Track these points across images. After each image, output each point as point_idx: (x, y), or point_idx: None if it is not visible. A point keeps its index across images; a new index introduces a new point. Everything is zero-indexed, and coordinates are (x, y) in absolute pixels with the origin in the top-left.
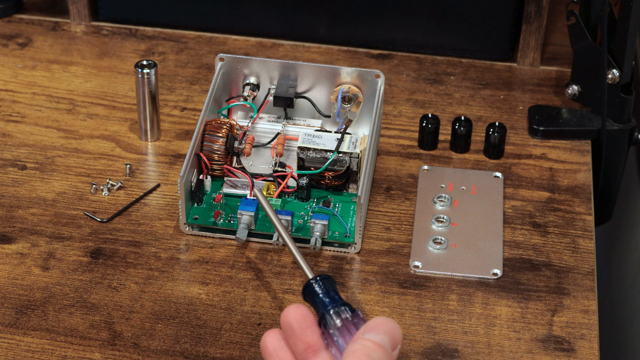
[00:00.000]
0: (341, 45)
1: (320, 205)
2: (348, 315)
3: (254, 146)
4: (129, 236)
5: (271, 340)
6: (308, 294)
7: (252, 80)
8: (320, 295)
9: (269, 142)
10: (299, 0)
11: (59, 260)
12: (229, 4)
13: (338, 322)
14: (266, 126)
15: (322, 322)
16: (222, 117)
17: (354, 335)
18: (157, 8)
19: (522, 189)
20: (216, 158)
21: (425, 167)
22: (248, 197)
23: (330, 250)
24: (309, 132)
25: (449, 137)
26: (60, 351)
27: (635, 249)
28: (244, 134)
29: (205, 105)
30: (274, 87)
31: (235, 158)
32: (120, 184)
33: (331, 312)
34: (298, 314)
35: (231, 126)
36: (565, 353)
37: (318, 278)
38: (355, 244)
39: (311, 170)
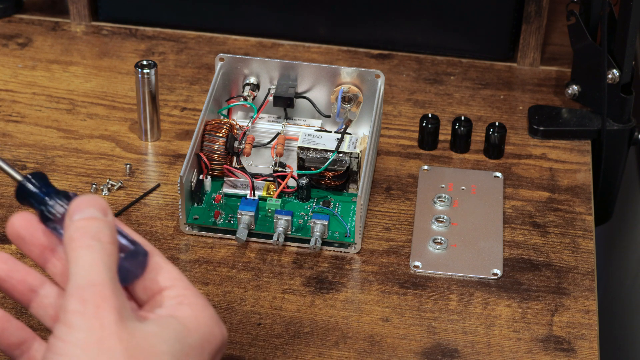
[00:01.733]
0: (341, 45)
1: (320, 205)
2: (65, 204)
3: (254, 146)
4: None
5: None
6: (23, 197)
7: (252, 80)
8: (35, 192)
9: (269, 142)
10: (299, 0)
11: None
12: (229, 4)
13: (59, 213)
14: (266, 126)
15: (44, 220)
16: (222, 117)
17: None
18: (157, 8)
19: (522, 189)
20: (216, 158)
21: (425, 167)
22: (248, 197)
23: (330, 250)
24: (309, 132)
25: (449, 137)
26: None
27: (635, 249)
28: (244, 134)
29: (205, 105)
30: (274, 87)
31: (235, 158)
32: (120, 184)
33: (48, 206)
34: (22, 221)
35: (231, 126)
36: (565, 353)
37: (29, 176)
38: (355, 244)
39: (311, 170)
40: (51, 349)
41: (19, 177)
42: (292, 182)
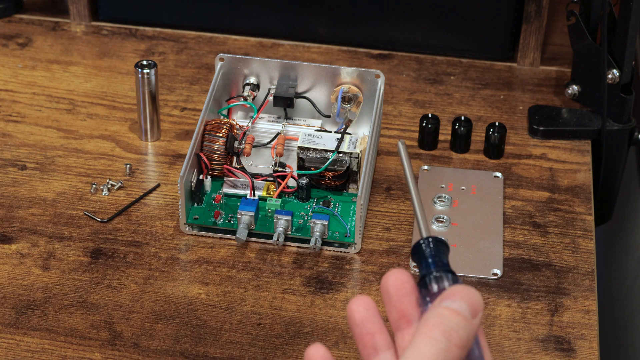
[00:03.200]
0: (341, 45)
1: (320, 205)
2: (447, 284)
3: (254, 146)
4: (129, 236)
5: (358, 309)
6: (415, 254)
7: (252, 80)
8: (427, 257)
9: (269, 142)
10: (299, 0)
11: (59, 260)
12: (229, 4)
13: (435, 287)
14: (266, 126)
15: (421, 284)
16: (222, 117)
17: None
18: (157, 8)
19: (522, 189)
20: (216, 158)
21: (425, 167)
22: (248, 197)
23: (330, 250)
24: (309, 132)
25: (449, 137)
26: (60, 351)
27: (635, 249)
28: (244, 134)
29: (205, 105)
30: (274, 87)
31: (235, 158)
32: (120, 184)
33: (433, 275)
34: (398, 280)
35: (231, 126)
36: (565, 353)
37: (430, 239)
38: (355, 244)
39: (311, 170)
40: None
41: (424, 235)
42: (292, 182)
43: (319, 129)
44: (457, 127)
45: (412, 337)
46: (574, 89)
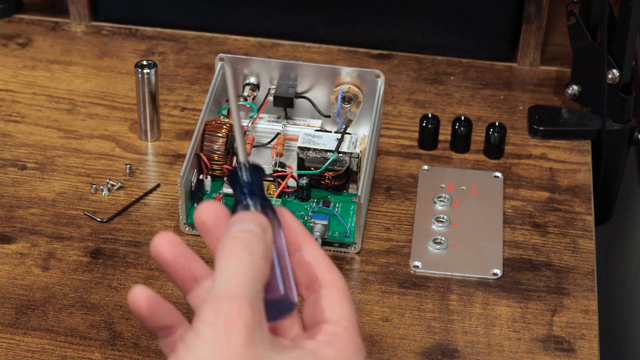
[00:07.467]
0: (341, 45)
1: (320, 205)
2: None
3: (254, 146)
4: (129, 236)
5: (166, 249)
6: (231, 180)
7: (252, 80)
8: (241, 184)
9: (269, 142)
10: (299, 0)
11: (59, 260)
12: (229, 4)
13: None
14: (266, 126)
15: (234, 211)
16: (222, 117)
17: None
18: (157, 8)
19: (522, 189)
20: (216, 158)
21: (425, 167)
22: None
23: (330, 250)
24: (309, 132)
25: (449, 137)
26: (60, 351)
27: (635, 249)
28: (244, 134)
29: (205, 105)
30: (274, 87)
31: (235, 158)
32: (120, 184)
33: (244, 203)
34: (212, 212)
35: (231, 126)
36: (565, 353)
37: (247, 166)
38: (355, 244)
39: (311, 170)
40: (176, 353)
41: (241, 160)
42: (292, 182)
43: (319, 129)
44: (457, 127)
45: (215, 262)
46: (574, 89)
